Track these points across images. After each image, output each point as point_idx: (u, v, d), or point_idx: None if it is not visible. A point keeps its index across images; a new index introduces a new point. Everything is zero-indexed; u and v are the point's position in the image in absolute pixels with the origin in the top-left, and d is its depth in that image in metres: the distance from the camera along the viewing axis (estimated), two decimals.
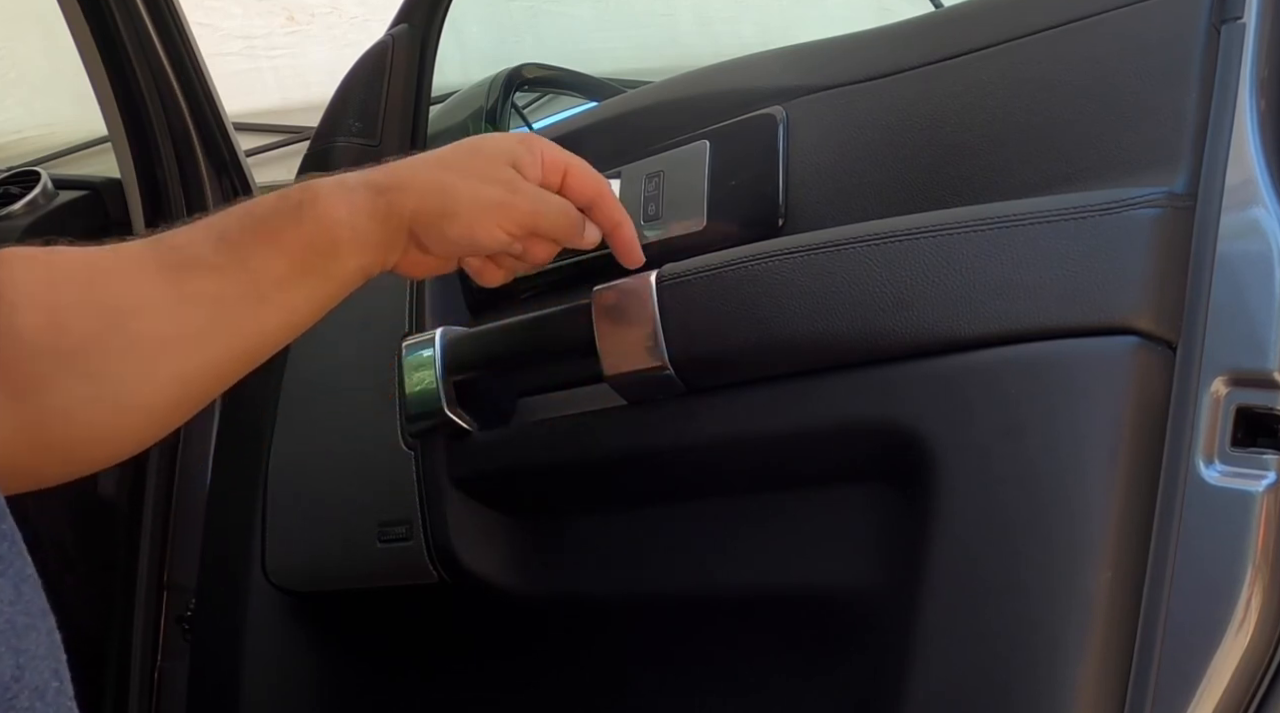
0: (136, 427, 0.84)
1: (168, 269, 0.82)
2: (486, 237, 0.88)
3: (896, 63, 0.96)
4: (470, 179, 0.88)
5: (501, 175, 0.88)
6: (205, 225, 0.85)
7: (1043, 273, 0.78)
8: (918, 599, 0.80)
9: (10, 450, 0.78)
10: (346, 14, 3.77)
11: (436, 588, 1.16)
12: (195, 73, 1.86)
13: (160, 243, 0.84)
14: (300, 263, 0.84)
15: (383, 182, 0.87)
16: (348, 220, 0.85)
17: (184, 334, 0.82)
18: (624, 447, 1.00)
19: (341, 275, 0.86)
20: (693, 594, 1.02)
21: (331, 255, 0.85)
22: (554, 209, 0.90)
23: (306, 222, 0.84)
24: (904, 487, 0.83)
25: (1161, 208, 0.75)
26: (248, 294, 0.83)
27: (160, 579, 1.73)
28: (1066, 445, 0.75)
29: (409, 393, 1.12)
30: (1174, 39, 0.81)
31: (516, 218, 0.88)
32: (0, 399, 0.77)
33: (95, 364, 0.80)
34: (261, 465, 1.34)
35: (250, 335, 0.85)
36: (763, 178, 0.98)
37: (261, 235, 0.83)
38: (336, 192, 0.85)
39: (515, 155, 0.89)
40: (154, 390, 0.83)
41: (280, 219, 0.84)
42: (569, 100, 1.98)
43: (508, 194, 0.88)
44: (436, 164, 0.89)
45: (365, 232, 0.85)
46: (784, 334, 0.87)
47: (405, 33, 1.50)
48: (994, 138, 0.88)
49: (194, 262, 0.83)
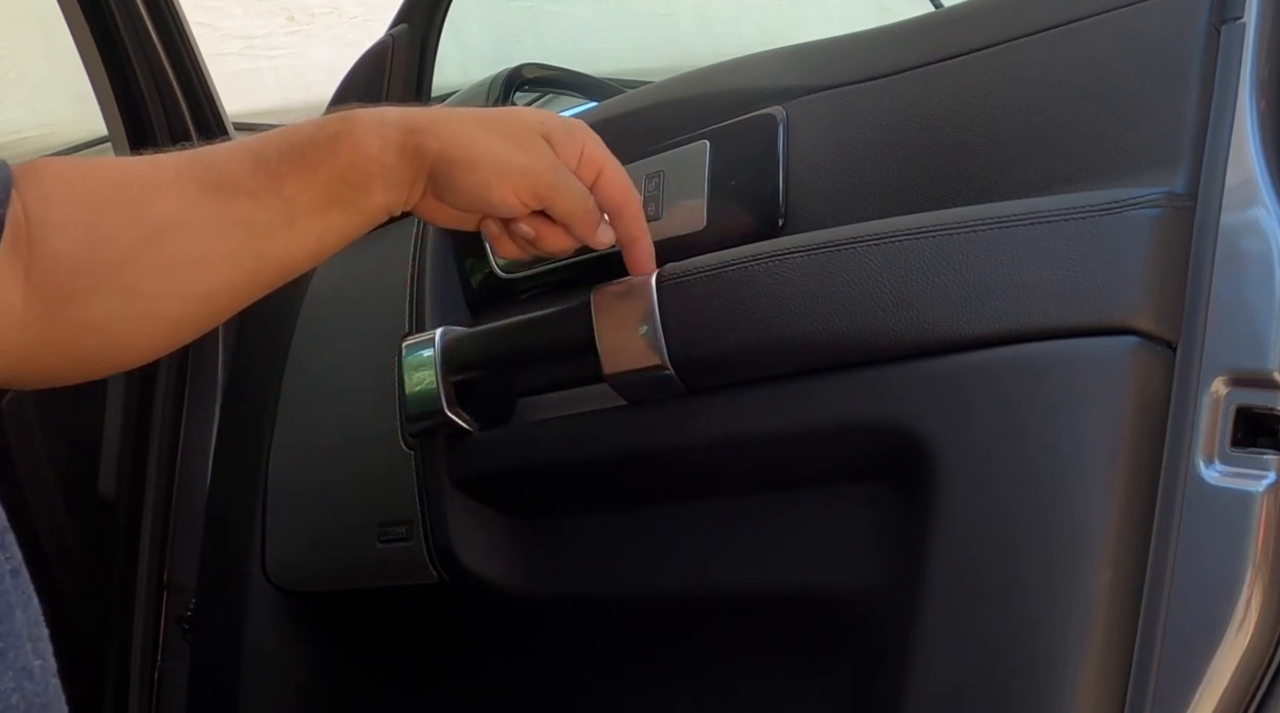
0: (158, 338, 0.87)
1: (207, 190, 0.83)
2: (499, 196, 0.87)
3: (896, 63, 0.96)
4: (498, 138, 0.87)
5: (531, 144, 0.88)
6: (244, 147, 0.86)
7: (1042, 273, 0.78)
8: (918, 599, 0.80)
9: (34, 356, 0.81)
10: (346, 14, 3.78)
11: (437, 588, 1.16)
12: (195, 73, 1.86)
13: (198, 161, 0.85)
14: (332, 193, 0.85)
15: (416, 121, 0.87)
16: (378, 156, 0.85)
17: (217, 255, 0.84)
18: (624, 446, 1.00)
19: (369, 208, 0.87)
20: (693, 594, 1.02)
21: (362, 188, 0.86)
22: (573, 192, 0.89)
23: (343, 153, 0.85)
24: (904, 487, 0.83)
25: (1161, 208, 0.75)
26: (280, 220, 0.84)
27: (160, 579, 1.73)
28: (1066, 445, 0.75)
29: (409, 393, 1.12)
30: (1174, 39, 0.81)
31: (532, 186, 0.87)
32: (34, 313, 0.79)
33: (130, 280, 0.82)
34: (262, 465, 1.35)
35: (279, 259, 0.87)
36: (763, 178, 0.98)
37: (298, 163, 0.85)
38: (374, 125, 0.86)
39: (550, 130, 0.89)
40: (182, 307, 0.85)
41: (317, 149, 0.85)
42: (569, 100, 1.98)
43: (530, 160, 0.87)
44: (472, 119, 0.89)
45: (392, 168, 0.86)
46: (784, 334, 0.87)
47: (405, 33, 1.50)
48: (994, 138, 0.88)
49: (231, 184, 0.84)
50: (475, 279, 1.20)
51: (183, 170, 0.85)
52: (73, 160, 0.84)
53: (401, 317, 1.21)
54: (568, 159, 0.89)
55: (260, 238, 0.85)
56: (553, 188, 0.88)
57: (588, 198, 0.90)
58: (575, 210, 0.90)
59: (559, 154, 0.89)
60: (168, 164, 0.85)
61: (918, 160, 0.91)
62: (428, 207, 0.90)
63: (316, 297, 1.35)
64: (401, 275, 1.23)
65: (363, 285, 1.28)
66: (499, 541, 1.13)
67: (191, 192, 0.83)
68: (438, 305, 1.19)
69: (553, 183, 0.88)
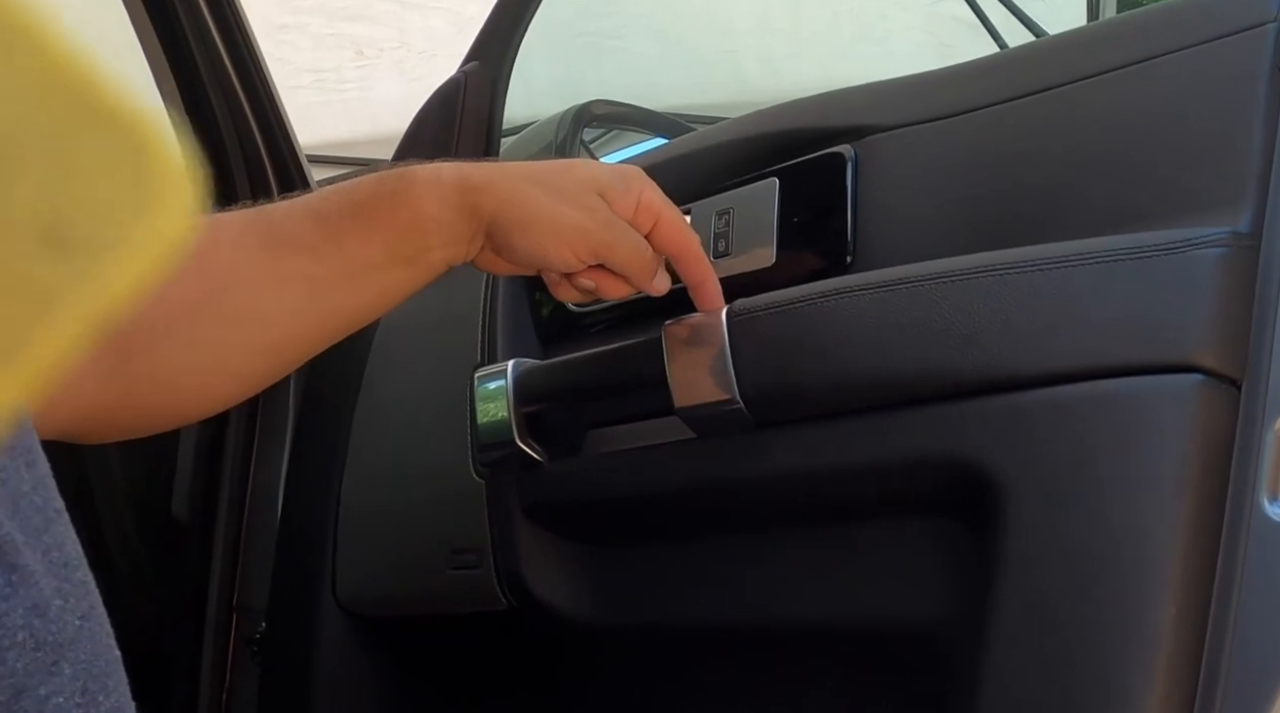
0: (224, 390, 0.89)
1: (268, 245, 0.85)
2: (556, 255, 0.88)
3: (963, 103, 0.97)
4: (553, 197, 0.88)
5: (586, 201, 0.88)
6: (303, 204, 0.88)
7: (1109, 311, 0.78)
8: (983, 634, 0.80)
9: (104, 409, 0.82)
10: (414, 49, 3.82)
11: (505, 614, 1.17)
12: (270, 106, 1.89)
13: (259, 218, 0.87)
14: (392, 250, 0.86)
15: (472, 179, 0.88)
16: (437, 213, 0.86)
17: (279, 309, 0.86)
18: (692, 479, 1.01)
19: (428, 264, 0.88)
20: (757, 626, 1.03)
21: (421, 245, 0.87)
22: (630, 246, 0.90)
23: (401, 211, 0.86)
24: (971, 521, 0.84)
25: (1226, 247, 0.76)
26: (340, 275, 0.86)
27: (230, 601, 1.75)
28: (1132, 482, 0.75)
29: (480, 423, 1.13)
30: (1238, 80, 0.81)
31: (588, 245, 0.88)
32: (104, 366, 0.80)
33: (194, 333, 0.83)
34: (334, 489, 1.36)
35: (341, 312, 0.88)
36: (831, 215, 0.99)
37: (357, 220, 0.86)
38: (431, 184, 0.87)
39: (605, 185, 0.89)
40: (246, 359, 0.87)
41: (377, 205, 0.86)
42: (633, 136, 2.00)
43: (585, 220, 0.88)
44: (526, 176, 0.89)
45: (450, 226, 0.87)
46: (853, 369, 0.88)
47: (477, 70, 1.52)
48: (1059, 178, 0.88)
49: (292, 240, 0.85)
50: (545, 312, 1.21)
51: (245, 227, 0.86)
52: None
53: (474, 347, 1.22)
54: (623, 211, 0.90)
55: (321, 292, 0.86)
56: (608, 245, 0.89)
57: (645, 249, 0.91)
58: (632, 263, 0.90)
59: (614, 207, 0.89)
60: (231, 221, 0.87)
61: (984, 199, 0.92)
62: (486, 259, 0.91)
63: (390, 325, 1.36)
64: (474, 307, 1.24)
65: (436, 316, 1.29)
66: (567, 569, 1.14)
67: (253, 247, 0.85)
68: (509, 337, 1.21)
69: (608, 240, 0.89)
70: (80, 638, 0.48)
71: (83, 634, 0.48)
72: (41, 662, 0.45)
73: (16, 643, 0.45)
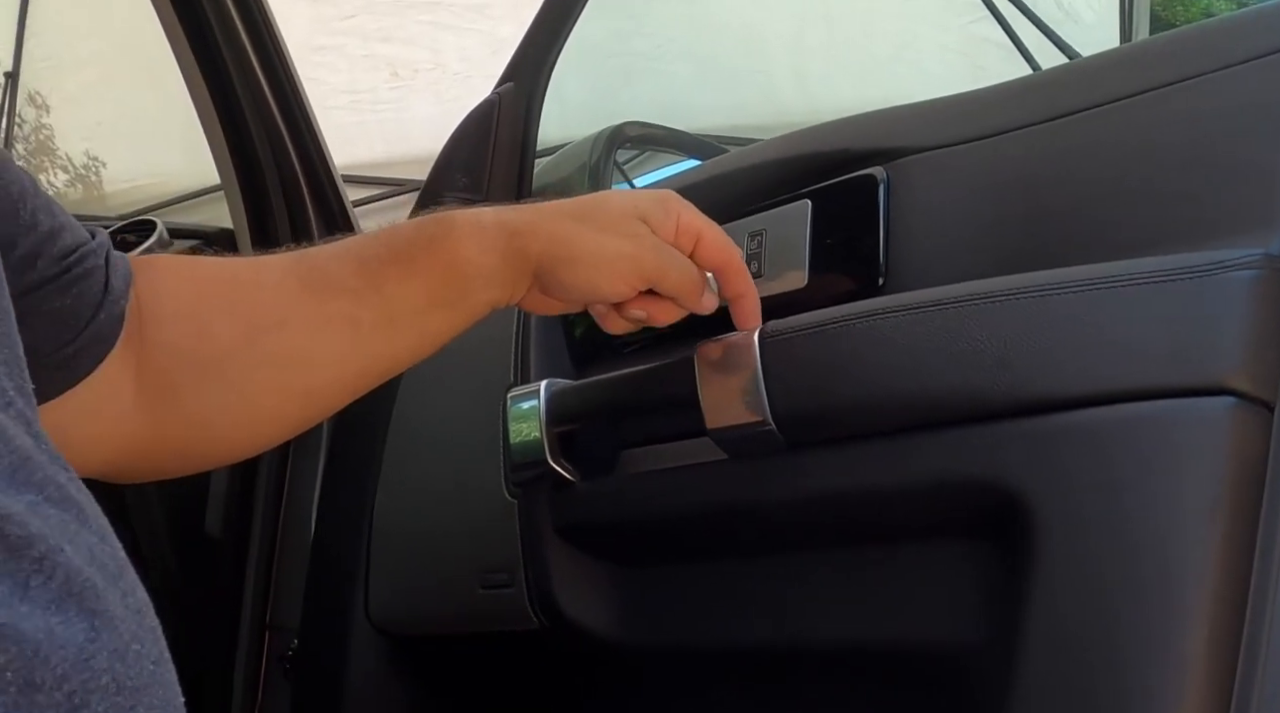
0: (262, 432, 0.89)
1: (309, 288, 0.85)
2: (608, 287, 0.89)
3: (995, 125, 0.97)
4: (596, 230, 0.88)
5: (629, 228, 0.89)
6: (345, 248, 0.89)
7: (1141, 334, 0.78)
8: (1013, 657, 0.79)
9: (139, 447, 0.82)
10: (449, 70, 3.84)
11: (537, 634, 1.17)
12: (305, 126, 1.91)
13: (302, 262, 0.87)
14: (433, 294, 0.87)
15: (514, 223, 0.88)
16: (477, 258, 0.87)
17: (320, 352, 0.86)
18: (724, 500, 1.01)
19: (470, 307, 0.89)
20: (789, 647, 1.02)
21: (462, 289, 0.88)
22: (679, 268, 0.90)
23: (440, 255, 0.87)
24: (1002, 544, 0.83)
25: (1258, 270, 0.76)
26: (382, 319, 0.86)
27: (263, 619, 1.76)
28: (1164, 505, 0.75)
29: (513, 443, 1.13)
30: (1270, 102, 0.81)
31: (639, 271, 0.89)
32: (141, 403, 0.81)
33: (233, 374, 0.84)
34: (367, 509, 1.37)
35: (382, 357, 0.89)
36: (864, 237, 0.99)
37: (398, 264, 0.86)
38: (471, 229, 0.88)
39: (644, 211, 0.90)
40: (285, 401, 0.87)
41: (417, 250, 0.87)
42: (666, 157, 2.00)
43: (633, 247, 0.88)
44: (567, 214, 0.90)
45: (493, 270, 0.87)
46: (885, 391, 0.88)
47: (511, 91, 1.53)
48: (1092, 199, 0.88)
49: (334, 283, 0.86)
50: (578, 332, 1.22)
51: (287, 269, 0.87)
52: (183, 258, 0.86)
53: (507, 368, 1.23)
54: (665, 234, 0.90)
55: (363, 335, 0.86)
56: (659, 268, 0.89)
57: (692, 269, 0.91)
58: (683, 284, 0.91)
59: (657, 231, 0.90)
60: (272, 263, 0.88)
61: (1016, 221, 0.92)
62: (534, 300, 0.92)
63: None
64: (508, 328, 1.25)
65: (469, 336, 1.28)
66: (599, 589, 1.14)
67: (294, 289, 0.85)
68: (542, 358, 1.22)
69: (658, 264, 0.89)
70: (154, 683, 0.49)
71: (155, 680, 0.49)
72: (121, 706, 0.46)
73: (100, 687, 0.45)
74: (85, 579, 0.46)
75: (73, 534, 0.47)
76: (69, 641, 0.44)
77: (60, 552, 0.45)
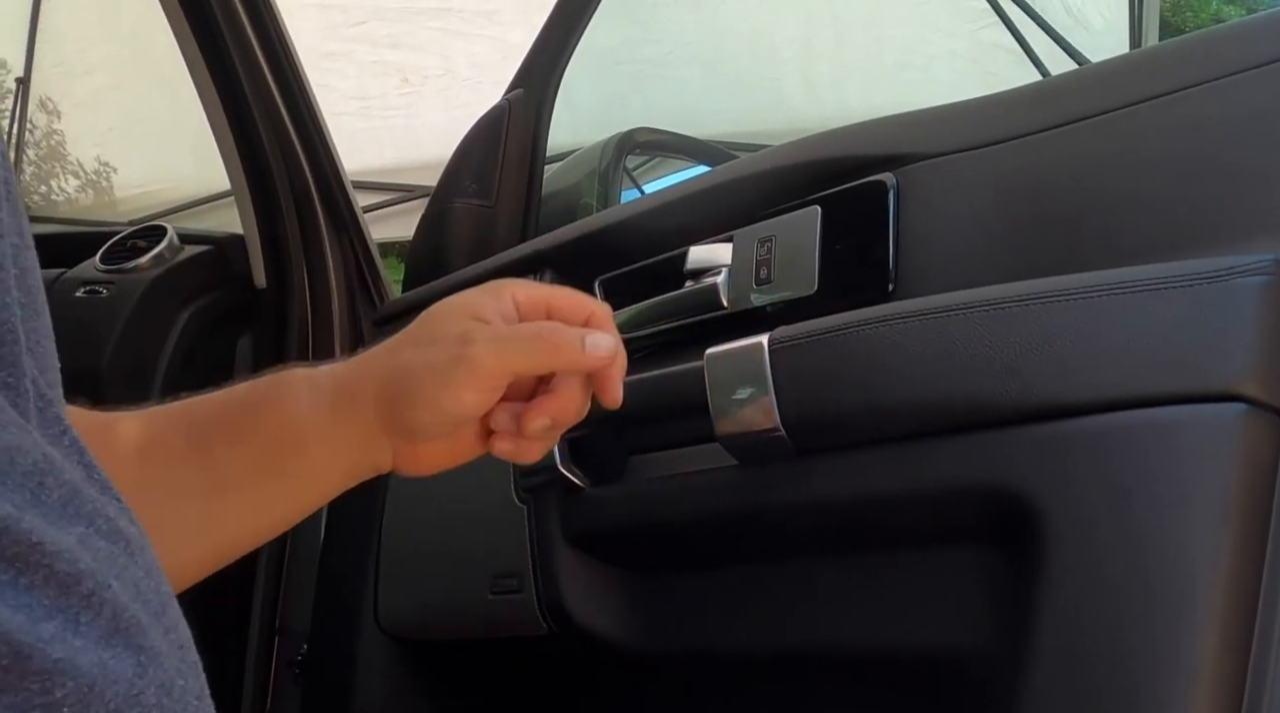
0: None
1: (140, 447, 0.77)
2: (454, 405, 0.76)
3: (1005, 131, 0.97)
4: (420, 348, 0.78)
5: (452, 332, 0.77)
6: (183, 407, 0.80)
7: (1150, 340, 0.78)
8: (1022, 662, 0.79)
9: None
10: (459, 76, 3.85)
11: (546, 640, 1.17)
12: (316, 132, 1.91)
13: (146, 419, 0.79)
14: (264, 458, 0.77)
15: (342, 373, 0.80)
16: (309, 415, 0.77)
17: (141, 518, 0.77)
18: (734, 505, 1.01)
19: (312, 477, 0.79)
20: (798, 652, 1.02)
21: (295, 453, 0.77)
22: (523, 342, 0.77)
23: (266, 418, 0.78)
24: (1011, 549, 0.83)
25: (1268, 276, 0.75)
26: (209, 485, 0.76)
27: (273, 624, 1.76)
28: (1174, 511, 0.75)
29: None
30: (1278, 107, 0.81)
31: (479, 372, 0.75)
32: None
33: None
34: (377, 514, 1.37)
35: (210, 530, 0.77)
36: (873, 243, 0.99)
37: (225, 426, 0.78)
38: (303, 387, 0.79)
39: (474, 307, 0.79)
40: None
41: (244, 412, 0.79)
42: (676, 163, 2.01)
43: (460, 349, 0.76)
44: (393, 346, 0.80)
45: (324, 428, 0.77)
46: (894, 398, 0.88)
47: (521, 97, 1.53)
48: (1101, 205, 0.88)
49: (163, 444, 0.77)
50: None
51: (132, 429, 0.77)
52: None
53: None
54: (504, 316, 0.79)
55: (185, 502, 0.76)
56: (500, 357, 0.76)
57: (541, 333, 0.78)
58: (543, 356, 0.77)
59: (494, 321, 0.78)
60: (126, 423, 0.78)
61: (1025, 227, 0.92)
62: (406, 458, 0.80)
63: None
64: None
65: None
66: (608, 594, 1.14)
67: (130, 450, 0.76)
68: None
69: (497, 352, 0.76)
70: None
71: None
72: None
73: None
74: (131, 616, 0.46)
75: (120, 568, 0.47)
76: (120, 675, 0.44)
77: (108, 588, 0.45)
